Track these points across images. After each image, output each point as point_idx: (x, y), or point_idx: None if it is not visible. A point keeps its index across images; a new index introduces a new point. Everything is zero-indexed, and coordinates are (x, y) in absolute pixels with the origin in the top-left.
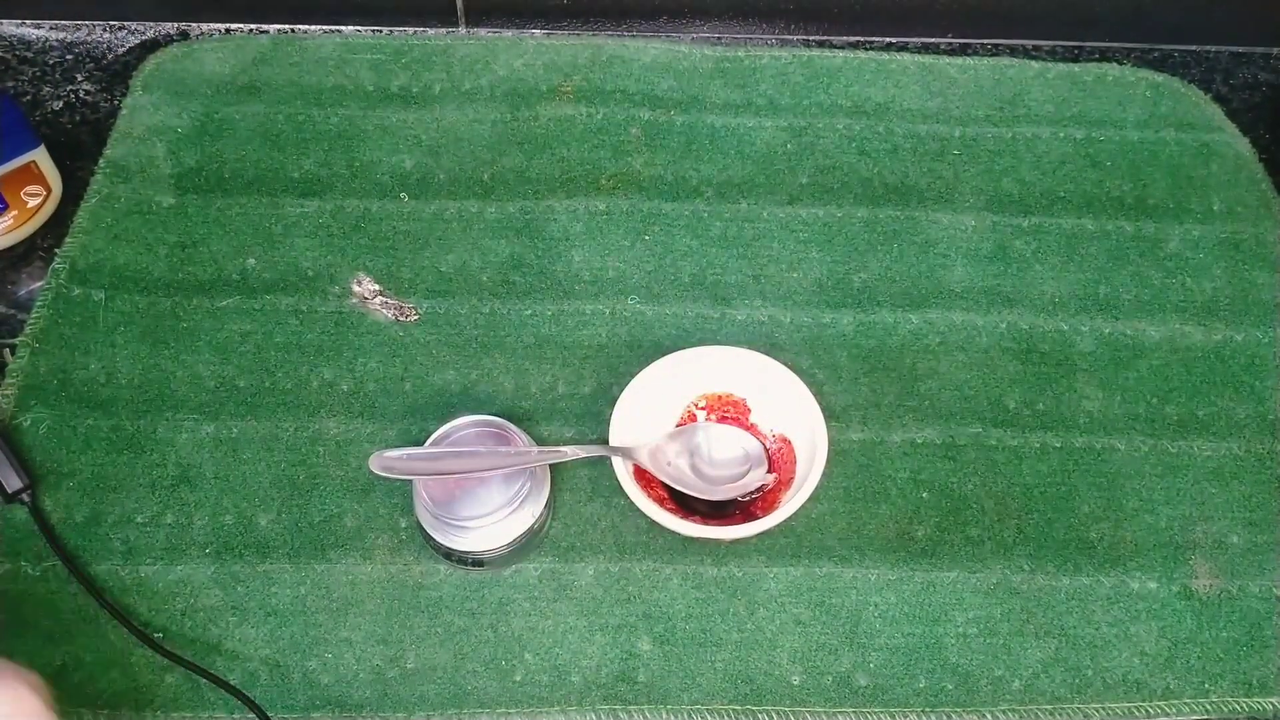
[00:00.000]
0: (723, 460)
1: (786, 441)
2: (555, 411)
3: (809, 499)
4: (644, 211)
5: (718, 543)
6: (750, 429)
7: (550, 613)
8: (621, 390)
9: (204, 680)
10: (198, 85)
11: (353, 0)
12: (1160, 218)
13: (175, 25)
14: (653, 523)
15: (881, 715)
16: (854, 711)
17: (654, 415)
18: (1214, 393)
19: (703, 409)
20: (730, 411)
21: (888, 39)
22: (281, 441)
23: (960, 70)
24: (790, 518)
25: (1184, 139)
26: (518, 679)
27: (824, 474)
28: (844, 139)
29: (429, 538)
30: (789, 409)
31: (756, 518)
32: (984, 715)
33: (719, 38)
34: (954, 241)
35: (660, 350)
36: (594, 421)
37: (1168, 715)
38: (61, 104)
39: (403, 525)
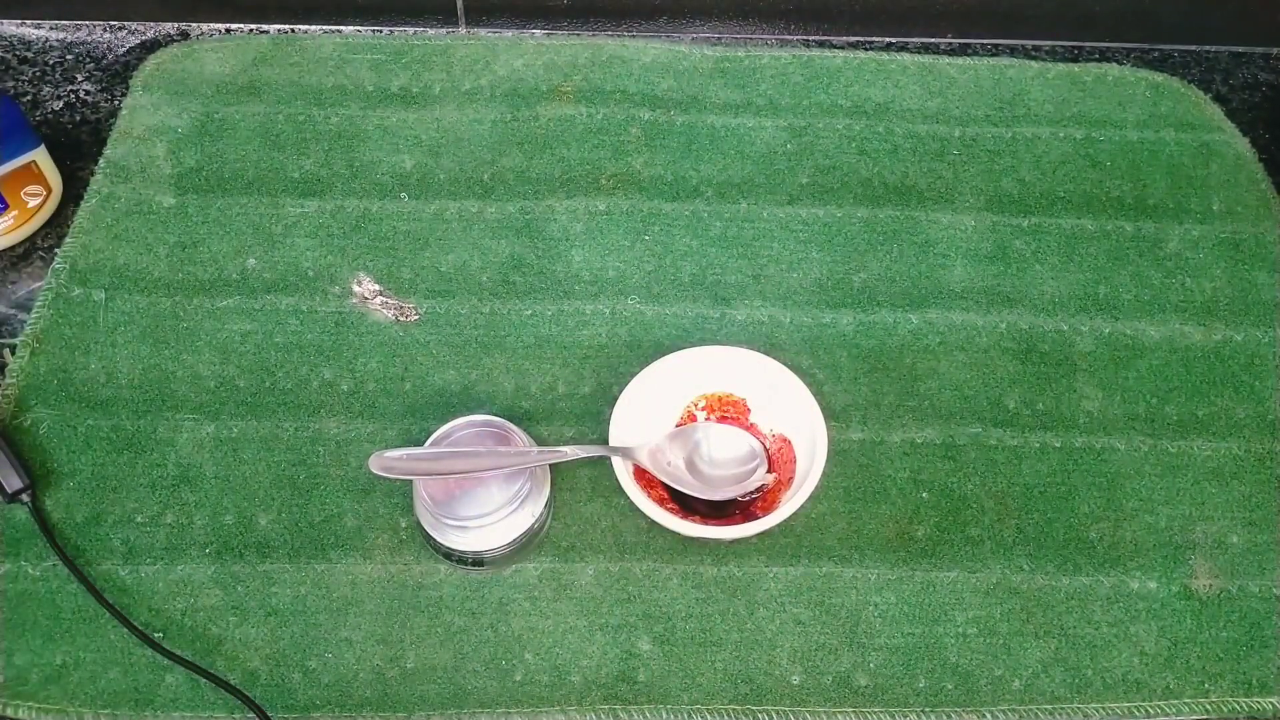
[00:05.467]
0: (723, 460)
1: (786, 441)
2: (555, 411)
3: (809, 499)
4: (644, 211)
5: (718, 543)
6: (750, 429)
7: (550, 613)
8: (621, 390)
9: (204, 680)
10: (198, 85)
11: (353, 0)
12: (1160, 218)
13: (175, 25)
14: (653, 523)
15: (881, 715)
16: (854, 711)
17: (654, 415)
18: (1214, 393)
19: (703, 409)
20: (730, 411)
21: (888, 39)
22: (281, 441)
23: (960, 70)
24: (790, 518)
25: (1184, 139)
26: (518, 679)
27: (824, 474)
28: (844, 139)
29: (429, 538)
30: (789, 409)
31: (756, 518)
32: (984, 715)
33: (719, 38)
34: (954, 241)
35: (660, 350)
36: (594, 421)
37: (1168, 715)
38: (61, 104)
39: (403, 525)
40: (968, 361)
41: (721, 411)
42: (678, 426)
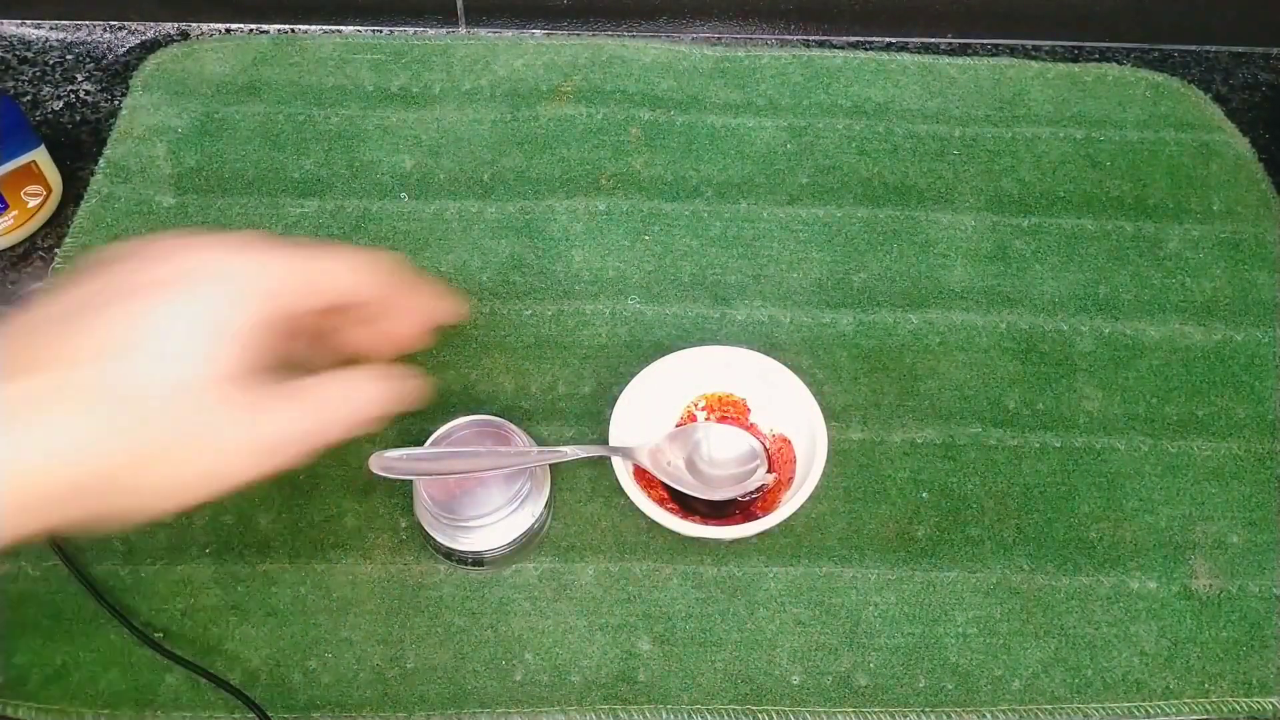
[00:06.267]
0: (723, 460)
1: (786, 441)
2: (555, 411)
3: (809, 499)
4: (644, 211)
5: (717, 543)
6: (750, 429)
7: (550, 613)
8: (621, 390)
9: (204, 680)
10: (198, 85)
11: (353, 0)
12: (1160, 218)
13: (175, 25)
14: (653, 523)
15: (881, 715)
16: (854, 711)
17: (654, 415)
18: (1214, 393)
19: (703, 409)
20: (730, 412)
21: (888, 39)
22: None
23: (960, 70)
24: (790, 518)
25: (1184, 139)
26: (518, 679)
27: (824, 474)
28: (844, 139)
29: (429, 538)
30: (789, 409)
31: (757, 518)
32: (984, 715)
33: (719, 38)
34: (954, 241)
35: (660, 350)
36: (594, 421)
37: (1167, 715)
38: (61, 104)
39: (403, 525)
40: (968, 361)
41: (721, 411)
42: (678, 426)
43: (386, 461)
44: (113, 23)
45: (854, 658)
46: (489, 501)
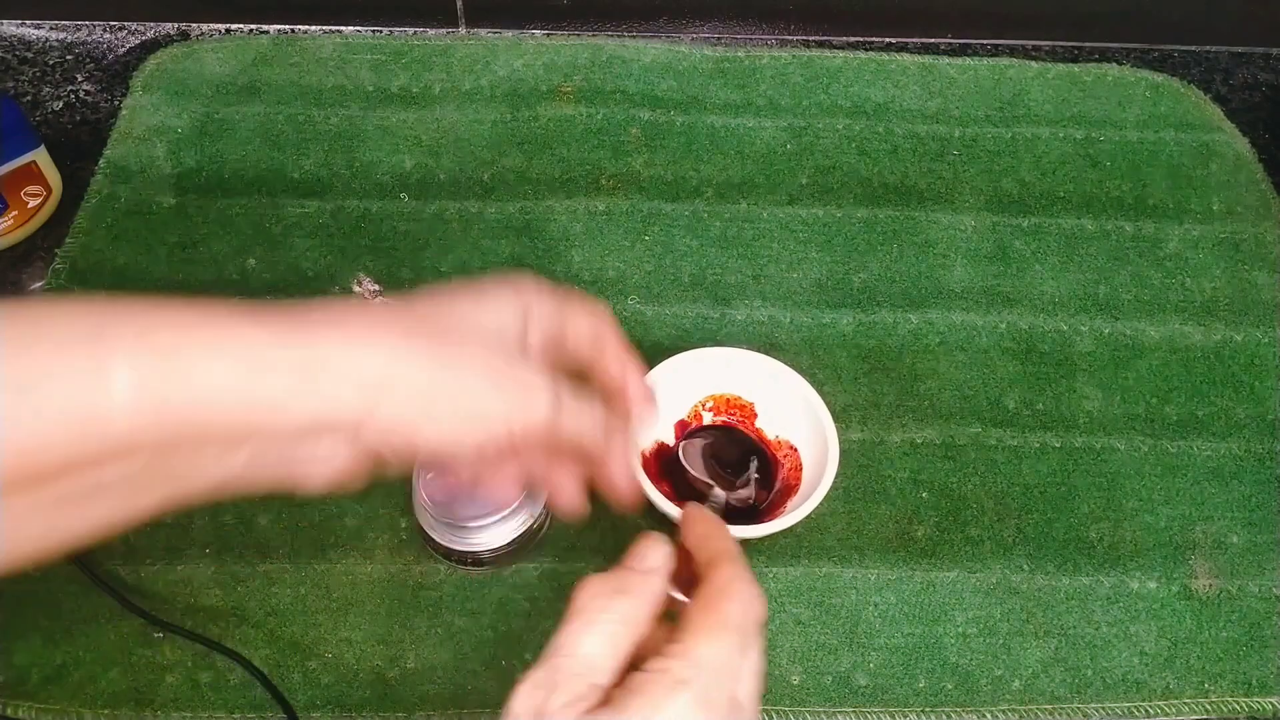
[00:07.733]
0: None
1: (793, 448)
2: None
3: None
4: (644, 211)
5: None
6: (755, 433)
7: (550, 613)
8: None
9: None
10: (198, 85)
11: (353, 0)
12: (1160, 218)
13: (175, 25)
14: (653, 523)
15: (881, 715)
16: (854, 711)
17: (665, 408)
18: (1214, 393)
19: (710, 409)
20: (737, 415)
21: (888, 39)
22: None
23: (960, 70)
24: None
25: (1184, 139)
26: (518, 679)
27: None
28: (844, 139)
29: (429, 538)
30: (797, 416)
31: (760, 521)
32: (984, 715)
33: (719, 38)
34: (954, 241)
35: (660, 351)
36: None
37: (1167, 715)
38: (61, 104)
39: (403, 525)
40: (968, 361)
41: (728, 414)
42: (684, 422)
43: None
44: (113, 23)
45: (854, 658)
46: (488, 502)
